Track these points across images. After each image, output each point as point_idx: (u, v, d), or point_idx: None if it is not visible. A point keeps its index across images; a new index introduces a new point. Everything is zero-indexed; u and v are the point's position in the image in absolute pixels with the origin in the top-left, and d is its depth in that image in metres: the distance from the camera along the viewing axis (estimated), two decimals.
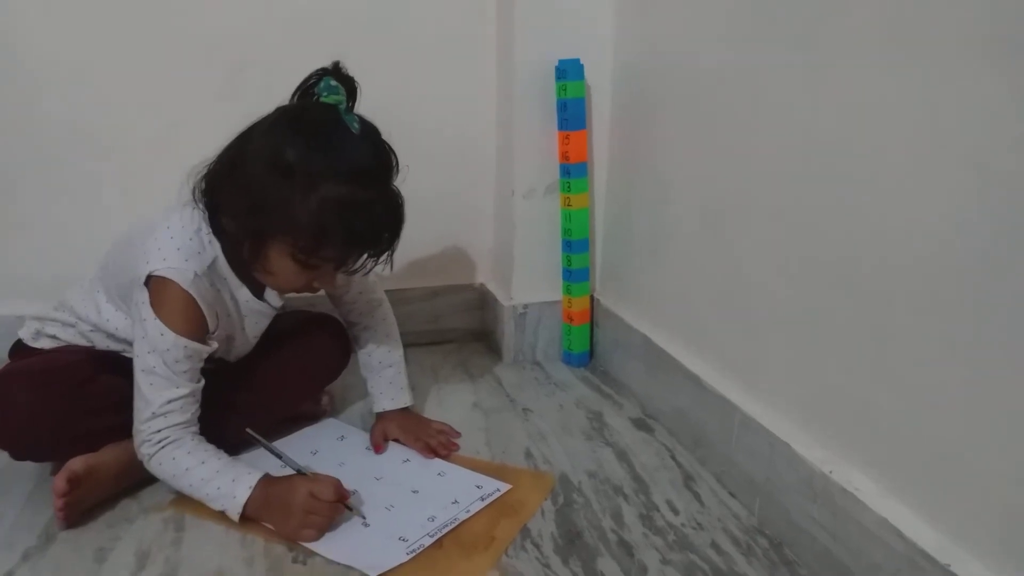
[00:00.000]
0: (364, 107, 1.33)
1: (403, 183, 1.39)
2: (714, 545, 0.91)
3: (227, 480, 0.91)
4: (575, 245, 1.34)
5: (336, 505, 0.91)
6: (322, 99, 0.90)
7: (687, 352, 1.13)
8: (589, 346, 1.40)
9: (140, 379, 0.92)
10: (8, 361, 1.05)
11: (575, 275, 1.35)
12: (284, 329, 1.12)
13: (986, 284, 0.67)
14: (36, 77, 1.25)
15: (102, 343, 1.02)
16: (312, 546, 0.88)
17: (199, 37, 1.27)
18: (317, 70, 0.92)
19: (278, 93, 1.29)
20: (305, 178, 0.85)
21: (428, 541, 0.89)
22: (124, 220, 1.03)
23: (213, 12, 1.26)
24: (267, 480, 0.92)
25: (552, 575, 0.85)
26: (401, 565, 0.85)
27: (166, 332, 0.91)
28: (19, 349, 1.05)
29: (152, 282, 0.91)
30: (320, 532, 0.90)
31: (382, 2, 1.31)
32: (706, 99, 1.06)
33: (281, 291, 1.01)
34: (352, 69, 1.36)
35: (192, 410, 0.95)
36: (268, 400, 1.09)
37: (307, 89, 0.92)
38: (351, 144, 0.89)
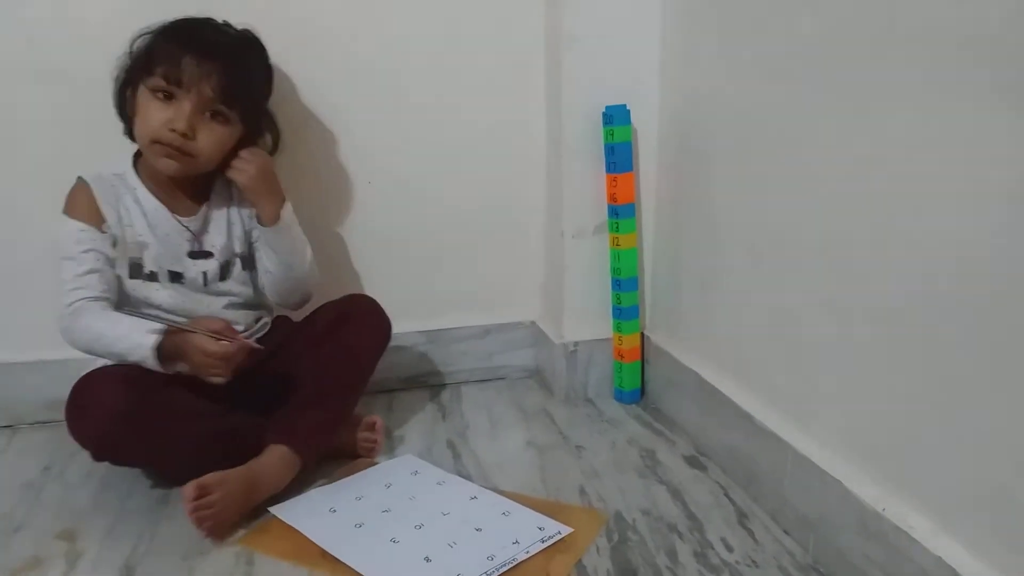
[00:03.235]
0: (417, 150, 1.40)
1: (457, 224, 1.45)
2: None
3: (138, 334, 1.02)
4: (624, 284, 1.37)
5: (227, 349, 1.03)
6: None
7: (738, 389, 1.14)
8: (640, 383, 1.42)
9: (60, 271, 1.08)
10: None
11: (625, 313, 1.38)
12: (322, 321, 1.21)
13: None
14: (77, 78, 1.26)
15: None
16: None
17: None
18: None
19: (344, 143, 1.37)
20: (154, 32, 1.10)
21: None
22: None
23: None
24: (170, 332, 1.03)
25: None
26: None
27: (65, 221, 1.10)
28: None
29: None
30: (226, 375, 1.04)
31: (435, 47, 1.36)
32: (751, 139, 1.09)
33: (144, 141, 1.09)
34: (407, 111, 1.42)
35: (100, 288, 1.08)
36: (315, 389, 1.14)
37: None
38: (210, 20, 1.14)
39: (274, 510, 1.05)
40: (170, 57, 1.06)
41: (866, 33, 0.85)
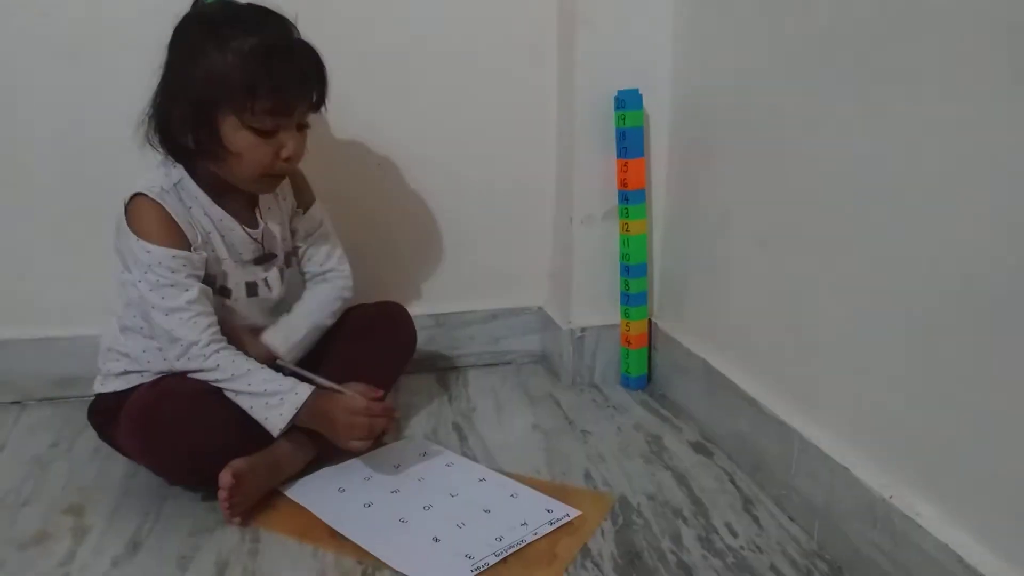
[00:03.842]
0: (426, 134, 1.39)
1: (465, 208, 1.45)
2: (773, 568, 0.92)
3: (276, 399, 1.00)
4: (633, 270, 1.36)
5: (373, 410, 1.01)
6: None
7: (745, 376, 1.14)
8: (647, 369, 1.42)
9: (151, 298, 0.99)
10: (89, 423, 1.12)
11: (633, 299, 1.38)
12: (353, 325, 1.20)
13: None
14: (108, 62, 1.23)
15: (159, 363, 1.05)
16: (382, 556, 0.92)
17: None
18: None
19: (352, 126, 1.36)
20: (216, 46, 0.96)
21: (493, 560, 0.92)
22: None
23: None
24: (314, 395, 1.01)
25: None
26: None
27: (151, 247, 0.99)
28: (100, 405, 1.10)
29: (128, 208, 1.01)
30: (367, 440, 1.02)
31: (445, 30, 1.36)
32: (763, 127, 1.08)
33: (252, 176, 1.01)
34: (416, 94, 1.41)
35: (212, 312, 1.02)
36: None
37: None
38: (244, 10, 1.00)
39: (283, 488, 1.06)
40: (274, 92, 0.96)
41: (880, 21, 0.84)
